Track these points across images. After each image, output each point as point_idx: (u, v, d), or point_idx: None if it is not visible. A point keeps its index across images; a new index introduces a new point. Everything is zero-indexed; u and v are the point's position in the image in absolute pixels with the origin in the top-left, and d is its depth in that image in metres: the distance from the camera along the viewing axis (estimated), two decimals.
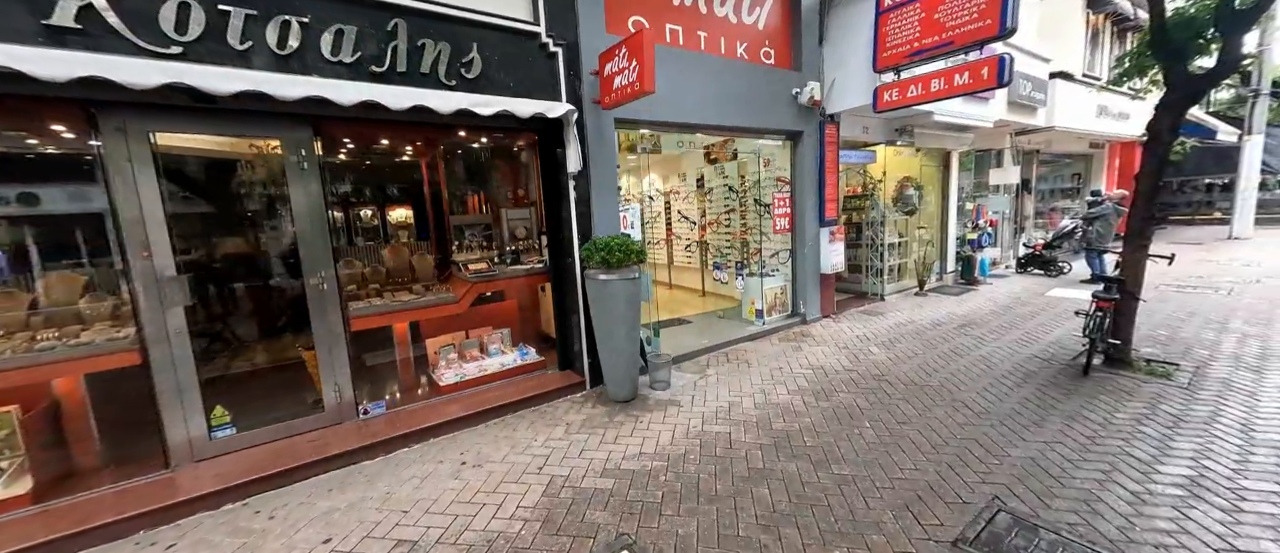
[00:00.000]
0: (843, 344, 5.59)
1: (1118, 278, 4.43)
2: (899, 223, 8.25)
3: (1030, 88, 8.42)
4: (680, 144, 7.63)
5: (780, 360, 5.12)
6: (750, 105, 5.56)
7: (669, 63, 4.79)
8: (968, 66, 4.69)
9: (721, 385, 4.52)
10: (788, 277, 6.57)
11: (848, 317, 6.77)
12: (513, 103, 3.60)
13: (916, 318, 6.61)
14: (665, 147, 8.01)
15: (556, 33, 4.00)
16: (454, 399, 4.12)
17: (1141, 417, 3.56)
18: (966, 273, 8.76)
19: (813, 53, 6.10)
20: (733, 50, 5.49)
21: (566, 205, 4.26)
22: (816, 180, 6.36)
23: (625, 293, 4.00)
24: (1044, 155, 11.91)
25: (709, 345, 5.52)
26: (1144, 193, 4.18)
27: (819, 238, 6.45)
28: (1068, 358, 4.80)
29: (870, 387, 4.35)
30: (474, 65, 3.62)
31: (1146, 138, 4.15)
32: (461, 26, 3.55)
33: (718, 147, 7.74)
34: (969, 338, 5.63)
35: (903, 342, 5.60)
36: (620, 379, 4.17)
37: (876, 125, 7.05)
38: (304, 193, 3.37)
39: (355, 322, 3.70)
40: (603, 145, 4.38)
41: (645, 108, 4.64)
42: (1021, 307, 7.03)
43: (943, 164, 8.64)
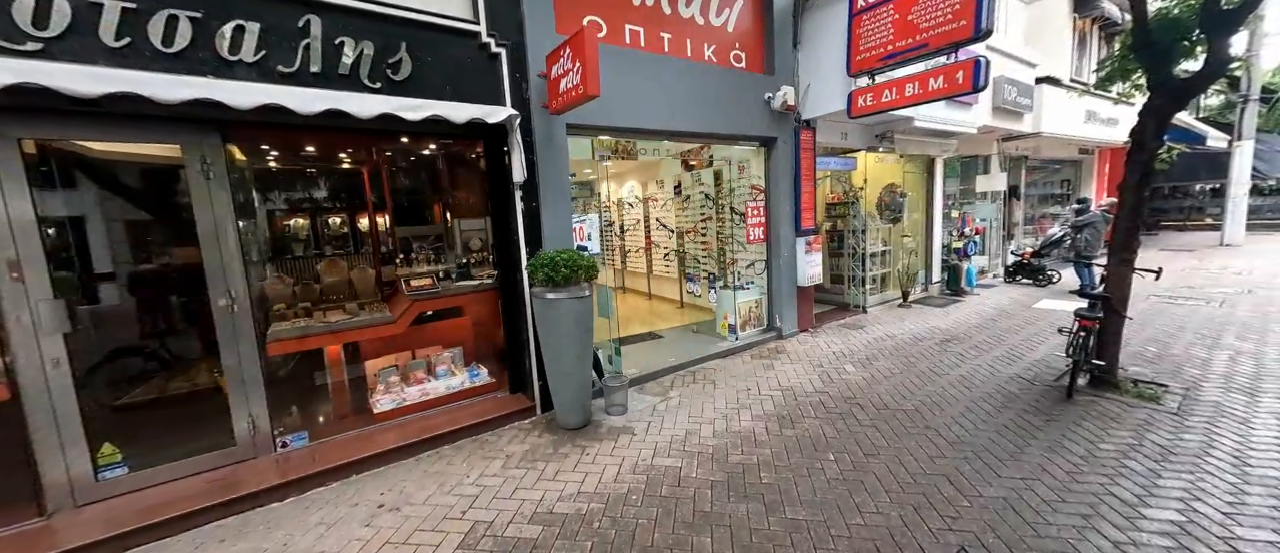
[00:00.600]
0: (817, 362, 5.30)
1: (1102, 294, 4.16)
2: (882, 232, 7.99)
3: (1015, 93, 8.21)
4: (654, 151, 7.36)
5: (749, 380, 4.83)
6: (720, 110, 5.29)
7: (628, 66, 4.53)
8: (943, 70, 4.45)
9: (682, 410, 4.22)
10: (763, 289, 6.29)
11: (827, 330, 6.49)
12: (446, 107, 3.31)
13: (897, 332, 6.33)
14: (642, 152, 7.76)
15: (499, 33, 3.73)
16: (390, 427, 3.81)
17: (1127, 448, 3.28)
18: (952, 283, 8.51)
19: (786, 56, 5.85)
20: (700, 53, 5.23)
21: (514, 217, 3.97)
22: (792, 188, 6.09)
23: (574, 312, 3.70)
24: (1033, 162, 11.72)
25: (676, 364, 5.22)
26: (1128, 204, 3.92)
27: (795, 249, 6.18)
28: (1052, 378, 4.52)
29: (840, 411, 4.06)
30: (402, 67, 3.33)
31: (1130, 145, 3.90)
32: (387, 25, 3.26)
33: (695, 153, 7.49)
34: (950, 355, 5.36)
35: (880, 359, 5.31)
36: (570, 405, 3.87)
37: (856, 131, 6.80)
38: (209, 204, 3.06)
39: (273, 345, 3.39)
40: (553, 153, 4.10)
41: (601, 112, 4.37)
42: (1007, 319, 6.77)
43: (927, 171, 8.40)
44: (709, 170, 7.15)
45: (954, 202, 9.77)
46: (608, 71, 4.33)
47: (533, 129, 3.97)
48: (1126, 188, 3.92)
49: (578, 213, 4.51)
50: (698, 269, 7.28)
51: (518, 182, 3.84)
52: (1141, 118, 3.81)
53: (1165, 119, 3.73)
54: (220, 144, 3.06)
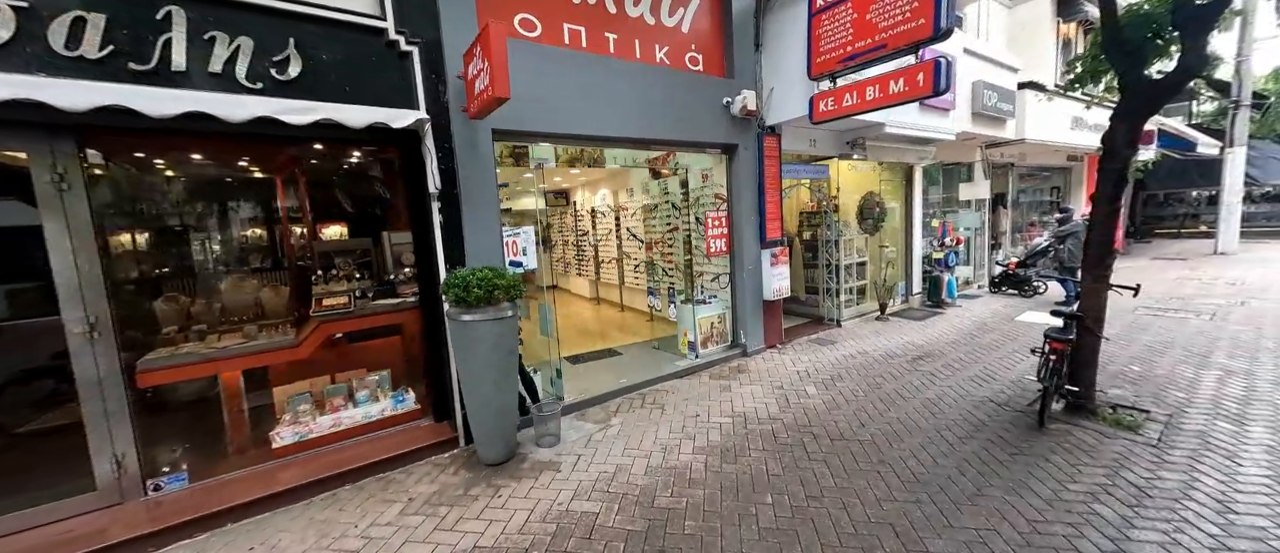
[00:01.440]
0: (778, 383, 4.94)
1: (1075, 314, 3.82)
2: (858, 241, 7.67)
3: (996, 98, 7.93)
4: (621, 159, 7.03)
5: (702, 404, 4.47)
6: (673, 116, 4.98)
7: (567, 67, 4.22)
8: (902, 72, 4.14)
9: (621, 440, 3.86)
10: (728, 303, 5.94)
11: (795, 347, 6.14)
12: (340, 110, 2.98)
13: (870, 348, 5.98)
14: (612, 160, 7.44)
15: (410, 30, 3.41)
16: (290, 464, 3.45)
17: (1099, 490, 2.92)
18: (933, 295, 8.18)
19: (747, 59, 5.55)
20: (650, 55, 4.93)
21: (432, 230, 3.63)
22: (756, 198, 5.77)
23: (492, 336, 3.35)
24: (1021, 169, 11.44)
25: (626, 386, 4.86)
26: (1101, 215, 3.59)
27: (760, 261, 5.85)
28: (1026, 402, 4.17)
29: (791, 442, 3.70)
30: (290, 65, 3.01)
31: (1101, 152, 3.58)
32: (271, 18, 2.95)
33: (660, 159, 7.18)
34: (920, 374, 5.00)
35: (846, 379, 4.96)
36: (490, 437, 3.51)
37: (825, 138, 6.50)
38: (61, 217, 2.72)
39: (143, 376, 3.03)
40: (476, 160, 3.77)
41: (534, 116, 4.06)
42: (986, 334, 6.43)
43: (905, 179, 8.09)
44: (676, 178, 6.85)
45: (936, 210, 9.46)
46: (541, 73, 4.05)
47: (453, 135, 3.65)
48: (1099, 198, 3.60)
49: (509, 225, 4.17)
50: (659, 282, 6.94)
51: (433, 191, 3.51)
52: (1113, 122, 3.49)
53: (1138, 123, 3.41)
54: (75, 151, 2.73)
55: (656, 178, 7.35)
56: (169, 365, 3.11)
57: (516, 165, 6.40)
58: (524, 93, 3.97)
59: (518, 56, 3.92)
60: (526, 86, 3.99)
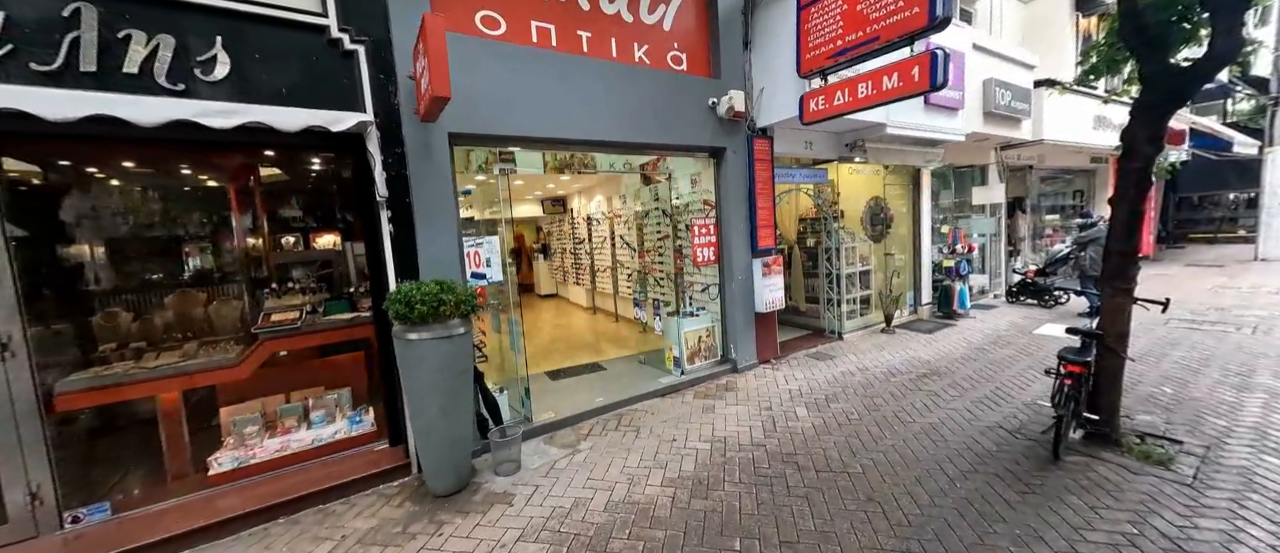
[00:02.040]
0: (767, 403, 4.58)
1: (1094, 332, 3.40)
2: (862, 248, 7.25)
3: (1010, 97, 7.48)
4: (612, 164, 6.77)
5: (680, 427, 4.14)
6: (654, 118, 4.70)
7: (533, 67, 3.98)
8: (896, 67, 3.80)
9: (587, 468, 3.55)
10: (716, 316, 5.60)
11: (790, 362, 5.75)
12: (269, 113, 2.76)
13: (871, 364, 5.57)
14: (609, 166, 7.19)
15: (356, 27, 3.19)
16: (228, 492, 3.21)
17: (1123, 540, 2.51)
18: (944, 306, 7.70)
19: (735, 57, 5.25)
20: (628, 54, 4.66)
21: (381, 240, 3.40)
22: (746, 204, 5.44)
23: (438, 356, 3.09)
24: (1042, 171, 10.86)
25: (603, 405, 4.55)
26: (1120, 221, 3.18)
27: (752, 271, 5.50)
28: (1040, 429, 3.74)
29: (772, 474, 3.34)
30: (216, 65, 2.81)
31: (1120, 151, 3.17)
32: (196, 16, 2.75)
33: (651, 165, 6.90)
34: (924, 395, 4.59)
35: (842, 400, 4.57)
36: (438, 467, 3.23)
37: (823, 140, 6.14)
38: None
39: (61, 400, 2.83)
40: (431, 165, 3.53)
41: (499, 119, 3.82)
42: (1000, 349, 5.95)
43: (912, 183, 7.66)
44: (666, 184, 6.55)
45: (948, 216, 8.99)
46: (506, 74, 3.81)
47: (404, 139, 3.41)
48: (1119, 201, 3.19)
49: (471, 235, 3.92)
50: (644, 294, 6.63)
51: (381, 199, 3.27)
52: (1132, 117, 3.09)
53: (1161, 118, 3.00)
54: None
55: (648, 183, 7.06)
56: (92, 388, 2.91)
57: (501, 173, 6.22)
58: (487, 94, 3.75)
59: (479, 56, 3.72)
60: (490, 88, 3.77)
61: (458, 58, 3.61)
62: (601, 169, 7.07)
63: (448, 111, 3.57)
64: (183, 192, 3.77)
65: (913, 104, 5.97)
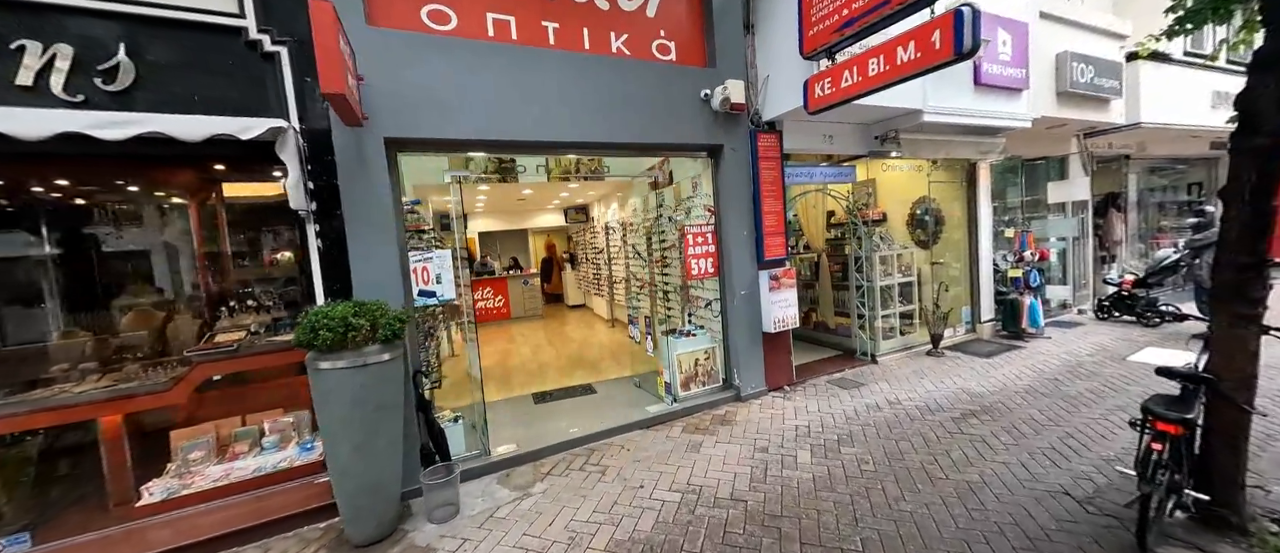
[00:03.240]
0: (764, 442, 3.88)
1: (1201, 375, 2.45)
2: (906, 256, 6.27)
3: (1091, 73, 6.25)
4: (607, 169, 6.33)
5: (652, 470, 3.55)
6: (637, 115, 4.19)
7: (492, 63, 3.62)
8: (912, 34, 3.06)
9: (531, 517, 3.07)
10: (720, 335, 4.94)
11: (807, 390, 4.96)
12: (167, 122, 2.56)
13: (906, 396, 4.67)
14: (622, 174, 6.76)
15: (278, 27, 2.96)
16: (153, 525, 3.04)
17: None
18: (1010, 323, 6.50)
19: (734, 43, 4.62)
20: (604, 45, 4.18)
21: (309, 256, 3.13)
22: (750, 208, 4.76)
23: (350, 390, 2.74)
24: (1142, 160, 9.12)
25: (577, 437, 4.05)
26: (1237, 223, 2.26)
27: (757, 285, 4.80)
28: (1124, 499, 2.79)
29: (744, 544, 2.69)
30: (119, 74, 2.64)
31: (1237, 124, 2.25)
32: (96, 22, 2.61)
33: (658, 166, 6.38)
34: (967, 440, 3.69)
35: (857, 442, 3.78)
36: (355, 513, 2.87)
37: (848, 133, 5.32)
38: None
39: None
40: (365, 174, 3.22)
41: (447, 122, 3.49)
42: (1079, 381, 4.81)
43: (966, 179, 6.56)
44: (671, 188, 6.01)
45: (1017, 217, 7.70)
46: (457, 72, 3.50)
47: (334, 147, 3.13)
48: (1232, 196, 2.26)
49: (419, 249, 3.59)
50: (637, 309, 6.06)
51: (304, 212, 3.00)
52: (1252, 77, 2.17)
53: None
54: None
55: (655, 189, 6.55)
56: (8, 415, 2.82)
57: (503, 181, 5.96)
58: (434, 95, 3.43)
59: (424, 54, 3.41)
60: (438, 88, 3.44)
61: (399, 56, 3.33)
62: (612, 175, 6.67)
63: (387, 115, 3.28)
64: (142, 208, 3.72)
65: (959, 86, 5.05)
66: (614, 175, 6.67)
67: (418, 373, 3.49)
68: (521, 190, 9.28)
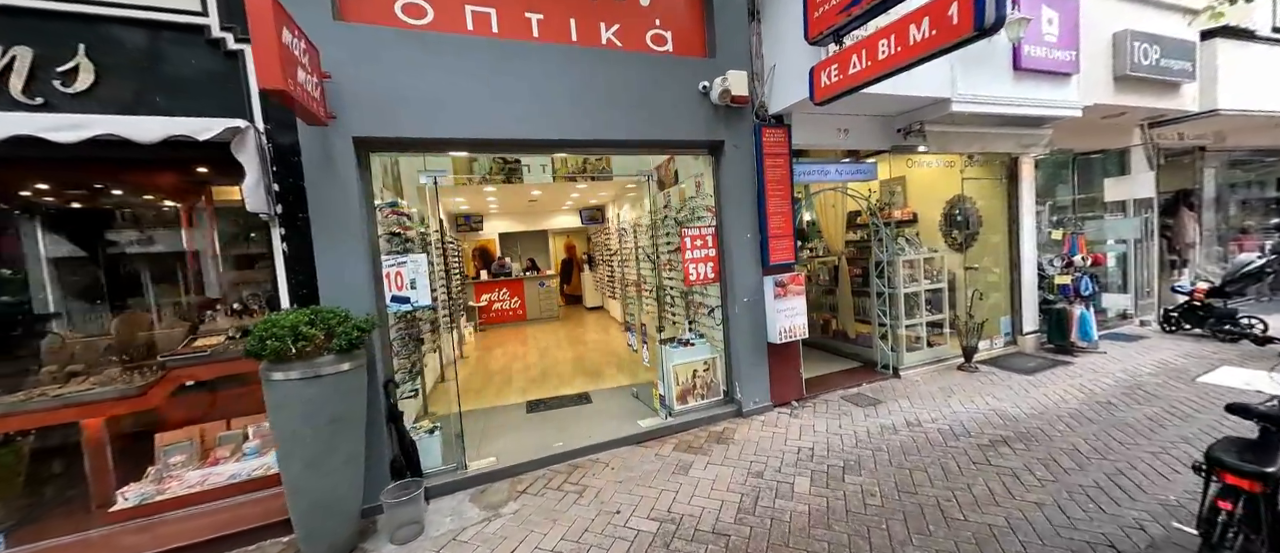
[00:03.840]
0: (760, 466, 3.53)
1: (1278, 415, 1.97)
2: (936, 260, 5.73)
3: (1159, 54, 5.54)
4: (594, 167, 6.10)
5: (634, 494, 3.28)
6: (630, 110, 3.93)
7: (471, 58, 3.46)
8: (925, 10, 2.67)
9: (497, 542, 2.87)
10: (722, 345, 4.61)
11: (817, 406, 4.56)
12: (122, 123, 2.50)
13: (928, 416, 4.20)
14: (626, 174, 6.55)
15: (239, 25, 2.86)
16: (126, 531, 3.02)
17: None
18: (1056, 336, 5.83)
19: (737, 32, 4.29)
20: (593, 37, 3.94)
21: (273, 261, 3.04)
22: (753, 209, 4.41)
23: (302, 402, 2.61)
24: (1220, 153, 8.10)
25: (561, 452, 3.83)
26: None
27: (762, 292, 4.44)
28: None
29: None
30: (79, 76, 2.61)
31: None
32: (55, 24, 2.57)
33: (663, 167, 6.10)
34: (995, 473, 3.23)
35: (865, 471, 3.38)
36: (309, 532, 2.74)
37: (866, 126, 4.86)
38: None
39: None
40: (333, 176, 3.10)
41: (423, 120, 3.35)
42: (1137, 405, 4.20)
43: (1007, 176, 5.93)
44: (676, 188, 5.72)
45: (1068, 217, 6.95)
46: (433, 67, 3.36)
47: (300, 147, 3.03)
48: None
49: (392, 253, 3.45)
50: (634, 316, 5.78)
51: (268, 216, 2.90)
52: None
53: None
54: None
55: (662, 189, 6.27)
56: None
57: (507, 181, 5.84)
58: (409, 92, 3.29)
59: (397, 49, 3.28)
60: (413, 85, 3.30)
61: (371, 52, 3.20)
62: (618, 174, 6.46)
63: (358, 114, 3.16)
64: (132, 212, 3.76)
65: (995, 71, 4.53)
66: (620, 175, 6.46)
67: (389, 382, 3.35)
68: (531, 191, 9.18)
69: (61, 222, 3.60)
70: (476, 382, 6.22)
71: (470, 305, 10.31)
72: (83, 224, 3.65)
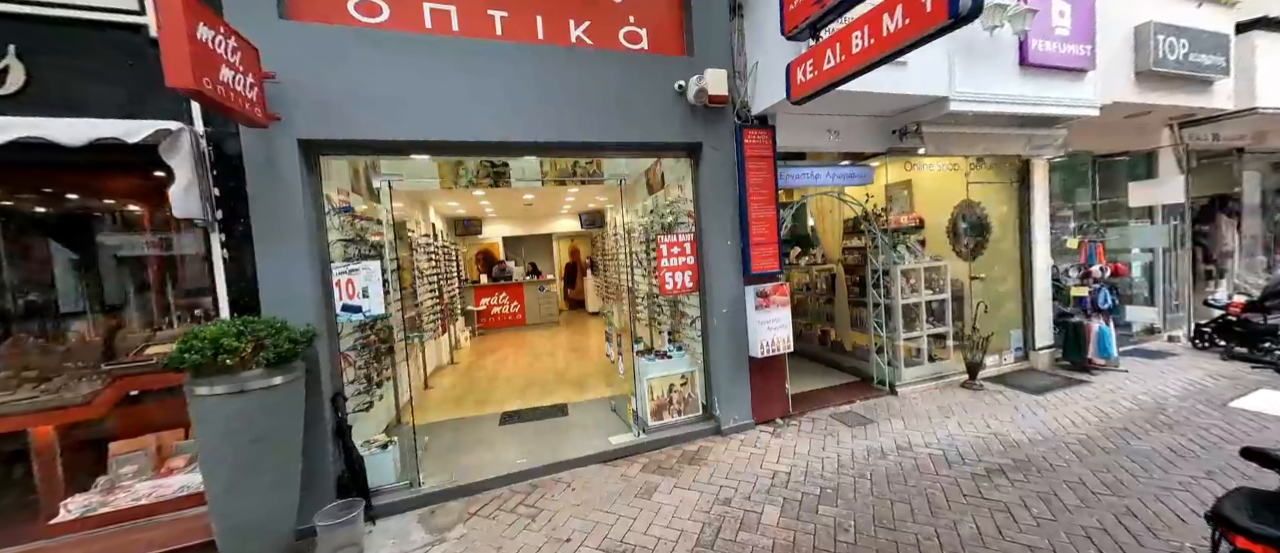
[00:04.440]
0: (730, 491, 3.28)
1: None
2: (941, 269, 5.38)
3: (1187, 48, 5.10)
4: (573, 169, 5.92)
5: (588, 520, 3.06)
6: (600, 111, 3.74)
7: (427, 57, 3.34)
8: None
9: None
10: (700, 358, 4.37)
11: (803, 425, 4.27)
12: (44, 126, 2.40)
13: (922, 440, 3.88)
14: None
15: None
16: (69, 544, 2.95)
17: None
18: (1072, 352, 5.41)
19: (717, 29, 4.07)
20: (561, 35, 3.76)
21: (212, 268, 2.93)
22: (734, 215, 4.17)
23: (222, 418, 2.47)
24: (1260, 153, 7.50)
25: (524, 469, 3.64)
26: None
27: (743, 302, 4.19)
28: None
29: None
30: (9, 76, 2.54)
31: None
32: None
33: (652, 170, 5.90)
34: (987, 511, 2.92)
35: (843, 501, 3.10)
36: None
37: (858, 127, 4.57)
38: None
39: None
40: (277, 180, 2.99)
41: (377, 121, 3.23)
42: (1156, 432, 3.81)
43: (1017, 179, 5.55)
44: (662, 193, 5.51)
45: (1089, 223, 6.50)
46: (385, 66, 3.26)
47: (242, 150, 2.92)
48: None
49: (340, 261, 3.31)
50: (613, 324, 5.56)
51: (202, 222, 2.79)
52: None
53: None
54: None
55: (651, 192, 6.06)
56: None
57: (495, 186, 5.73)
58: (362, 92, 3.19)
59: (350, 48, 3.17)
60: (367, 84, 3.18)
61: (322, 52, 3.08)
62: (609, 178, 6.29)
63: (306, 115, 3.04)
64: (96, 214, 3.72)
65: (1000, 67, 4.21)
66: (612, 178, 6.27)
67: (338, 396, 3.21)
68: (523, 195, 9.06)
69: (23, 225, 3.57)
70: (459, 390, 6.09)
71: (468, 310, 10.26)
72: (44, 227, 3.62)
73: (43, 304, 3.61)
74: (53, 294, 3.59)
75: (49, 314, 3.59)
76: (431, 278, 6.99)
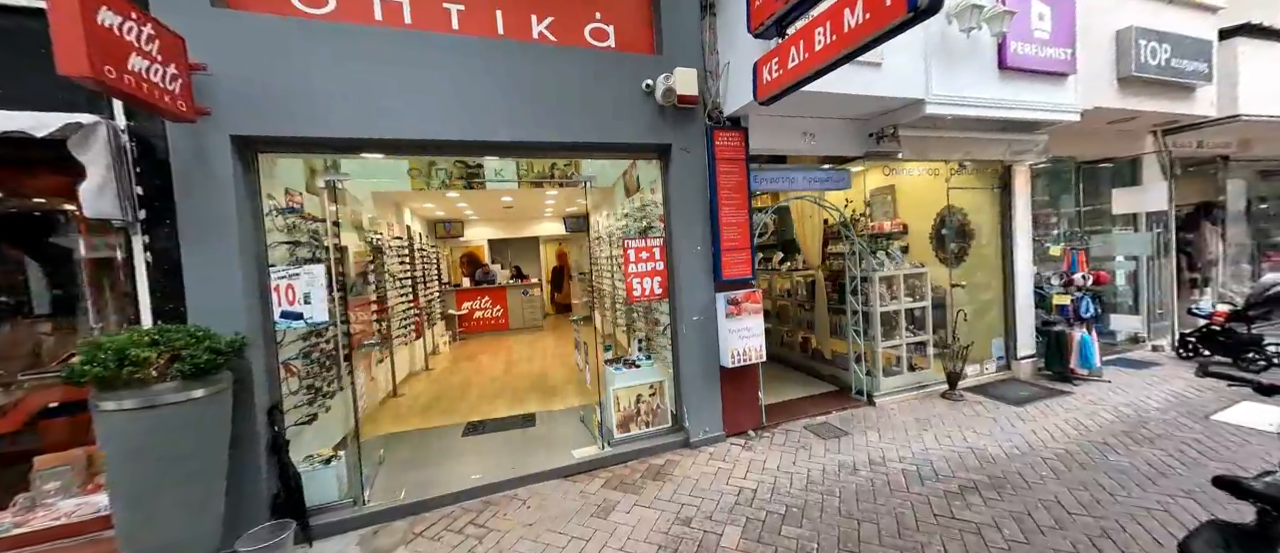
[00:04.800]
0: (690, 510, 3.11)
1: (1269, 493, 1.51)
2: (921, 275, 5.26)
3: (1169, 54, 5.02)
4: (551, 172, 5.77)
5: (538, 541, 2.89)
6: (562, 110, 3.59)
7: (376, 51, 3.18)
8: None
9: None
10: (669, 367, 4.21)
11: (775, 437, 4.12)
12: None
13: (897, 455, 3.74)
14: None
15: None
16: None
17: None
18: (1054, 362, 5.30)
19: (688, 27, 3.94)
20: (522, 30, 3.61)
21: (134, 272, 2.74)
22: (705, 219, 4.02)
23: (127, 436, 2.28)
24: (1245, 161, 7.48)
25: (477, 486, 3.46)
26: None
27: (714, 310, 4.03)
28: None
29: None
30: None
31: None
32: None
33: (628, 173, 5.76)
34: (956, 532, 2.77)
35: (806, 522, 2.94)
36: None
37: (834, 129, 4.44)
38: None
39: None
40: (207, 178, 2.80)
41: (320, 117, 3.06)
42: (1137, 446, 3.69)
43: (999, 185, 5.44)
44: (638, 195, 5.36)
45: (1074, 230, 6.42)
46: (330, 59, 3.12)
47: (170, 145, 2.74)
48: None
49: (284, 264, 3.13)
50: (578, 333, 5.40)
51: (120, 222, 2.61)
52: None
53: None
54: None
55: (629, 195, 5.91)
56: None
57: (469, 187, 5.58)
58: (304, 86, 3.02)
59: (292, 40, 3.00)
60: (310, 78, 3.02)
61: (260, 44, 2.91)
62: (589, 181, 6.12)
63: (241, 110, 2.87)
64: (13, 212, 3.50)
65: (978, 69, 4.10)
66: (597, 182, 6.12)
67: (274, 409, 3.02)
68: (502, 197, 8.89)
69: None
70: (427, 398, 5.89)
71: (449, 314, 10.05)
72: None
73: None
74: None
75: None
76: (404, 281, 6.79)
